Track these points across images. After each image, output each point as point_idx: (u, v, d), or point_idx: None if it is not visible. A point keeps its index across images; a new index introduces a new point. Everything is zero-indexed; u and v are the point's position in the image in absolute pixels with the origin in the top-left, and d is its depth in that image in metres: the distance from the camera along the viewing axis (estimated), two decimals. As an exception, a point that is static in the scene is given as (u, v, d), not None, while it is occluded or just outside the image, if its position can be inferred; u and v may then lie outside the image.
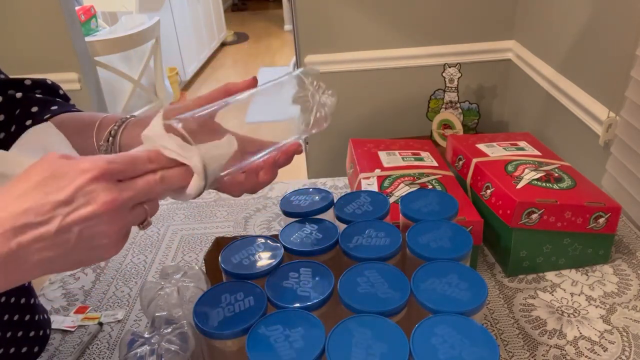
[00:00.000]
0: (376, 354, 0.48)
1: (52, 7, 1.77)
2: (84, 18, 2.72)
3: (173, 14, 3.91)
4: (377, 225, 0.67)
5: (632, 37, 1.07)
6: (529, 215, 0.77)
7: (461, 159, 0.95)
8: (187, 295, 0.66)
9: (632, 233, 0.90)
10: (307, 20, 1.74)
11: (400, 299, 0.54)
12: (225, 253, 0.64)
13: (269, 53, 5.06)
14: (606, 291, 0.78)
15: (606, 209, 0.79)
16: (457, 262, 0.60)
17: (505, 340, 0.71)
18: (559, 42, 1.43)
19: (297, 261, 0.62)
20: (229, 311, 0.55)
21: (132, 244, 0.97)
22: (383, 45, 1.78)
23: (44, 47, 1.84)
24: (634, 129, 1.06)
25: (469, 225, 0.78)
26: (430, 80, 1.77)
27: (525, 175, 0.84)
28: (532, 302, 0.77)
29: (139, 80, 2.71)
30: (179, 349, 0.57)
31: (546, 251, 0.81)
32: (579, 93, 1.31)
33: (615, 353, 0.67)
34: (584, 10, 1.28)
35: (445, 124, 1.69)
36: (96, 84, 2.03)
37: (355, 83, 1.84)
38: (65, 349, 0.74)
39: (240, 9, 6.73)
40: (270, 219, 1.01)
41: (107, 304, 0.82)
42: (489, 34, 1.77)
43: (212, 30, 4.94)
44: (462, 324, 0.51)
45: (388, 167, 0.92)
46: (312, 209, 0.71)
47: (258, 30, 5.80)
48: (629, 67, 1.07)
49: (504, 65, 1.82)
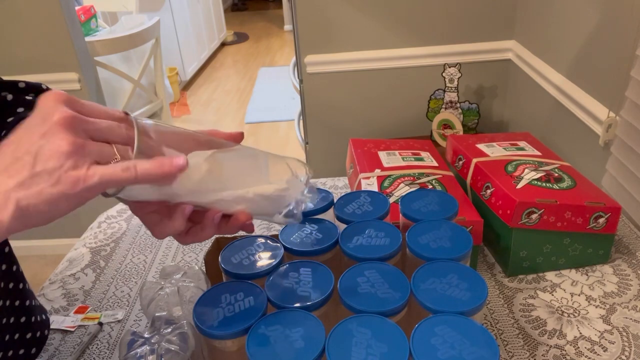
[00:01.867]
0: (376, 354, 0.48)
1: (52, 7, 1.77)
2: (84, 18, 2.72)
3: (173, 14, 3.91)
4: (377, 225, 0.67)
5: (632, 37, 1.07)
6: (529, 215, 0.77)
7: (461, 159, 0.95)
8: (187, 295, 0.66)
9: (632, 233, 0.90)
10: (307, 20, 1.74)
11: (400, 299, 0.54)
12: (225, 253, 0.64)
13: (269, 53, 5.06)
14: (606, 291, 0.78)
15: (606, 209, 0.79)
16: (457, 262, 0.60)
17: (505, 340, 0.71)
18: (559, 42, 1.43)
19: (297, 261, 0.62)
20: (229, 311, 0.55)
21: (132, 244, 0.97)
22: (383, 45, 1.78)
23: (44, 47, 1.84)
24: (634, 129, 1.06)
25: (469, 225, 0.78)
26: (430, 80, 1.77)
27: (525, 175, 0.84)
28: (532, 302, 0.77)
29: (139, 80, 2.71)
30: (179, 349, 0.57)
31: (546, 251, 0.81)
32: (579, 93, 1.31)
33: (615, 353, 0.67)
34: (584, 11, 1.28)
35: (445, 124, 1.69)
36: (96, 84, 2.03)
37: (356, 83, 1.84)
38: (65, 349, 0.74)
39: (240, 9, 6.73)
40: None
41: (107, 304, 0.82)
42: (489, 34, 1.77)
43: (212, 30, 4.94)
44: (462, 324, 0.51)
45: (388, 167, 0.92)
46: (312, 209, 0.71)
47: (258, 30, 5.80)
48: (629, 67, 1.07)
49: (504, 65, 1.82)
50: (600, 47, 1.22)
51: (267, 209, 0.53)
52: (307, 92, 1.86)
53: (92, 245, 0.98)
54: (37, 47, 1.84)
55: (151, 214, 0.50)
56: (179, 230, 0.49)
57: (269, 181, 0.52)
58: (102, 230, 1.02)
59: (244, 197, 0.50)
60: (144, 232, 1.00)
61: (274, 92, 4.08)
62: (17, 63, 1.86)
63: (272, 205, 0.52)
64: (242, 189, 0.50)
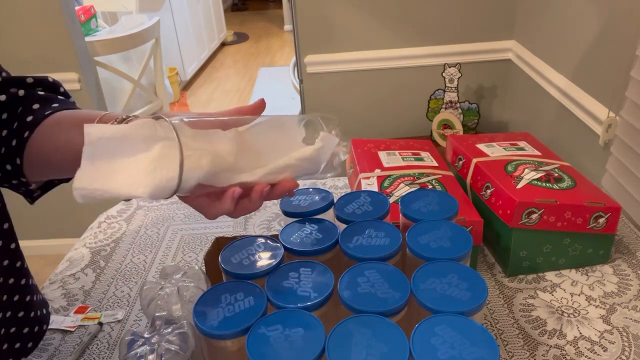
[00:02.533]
0: (376, 354, 0.48)
1: (52, 7, 1.77)
2: (84, 18, 2.72)
3: (173, 14, 3.91)
4: (377, 225, 0.67)
5: (632, 37, 1.07)
6: (529, 215, 0.77)
7: (461, 159, 0.95)
8: (187, 295, 0.66)
9: (632, 233, 0.90)
10: (307, 20, 1.75)
11: (400, 299, 0.54)
12: (225, 253, 0.64)
13: (269, 53, 5.06)
14: (606, 291, 0.78)
15: (606, 209, 0.79)
16: (457, 262, 0.60)
17: (505, 340, 0.71)
18: (559, 42, 1.43)
19: (297, 261, 0.62)
20: (229, 311, 0.55)
21: (132, 244, 0.97)
22: (383, 45, 1.78)
23: (44, 47, 1.84)
24: (634, 129, 1.06)
25: (469, 225, 0.78)
26: (430, 80, 1.77)
27: (525, 175, 0.84)
28: (532, 302, 0.77)
29: (139, 80, 2.71)
30: (179, 349, 0.57)
31: (546, 251, 0.81)
32: (579, 93, 1.31)
33: (615, 353, 0.67)
34: (584, 11, 1.28)
35: (445, 124, 1.69)
36: (96, 84, 2.03)
37: (356, 83, 1.84)
38: (65, 349, 0.74)
39: (240, 9, 6.73)
40: (270, 219, 1.01)
41: (107, 304, 0.82)
42: (489, 34, 1.77)
43: (212, 30, 4.94)
44: (462, 324, 0.51)
45: (388, 167, 0.92)
46: (312, 209, 0.71)
47: (258, 30, 5.80)
48: (629, 67, 1.07)
49: (504, 65, 1.82)
50: (600, 47, 1.22)
51: (309, 170, 0.56)
52: (307, 92, 1.86)
53: (92, 245, 0.98)
54: (37, 47, 1.84)
55: (200, 198, 0.53)
56: (229, 210, 0.52)
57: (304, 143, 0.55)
58: (102, 230, 1.02)
59: (287, 164, 0.53)
60: (144, 232, 1.00)
61: (274, 92, 4.08)
62: (17, 63, 1.86)
63: (312, 164, 0.55)
64: (283, 158, 0.53)
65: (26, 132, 0.60)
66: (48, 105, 0.63)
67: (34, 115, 0.61)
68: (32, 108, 0.62)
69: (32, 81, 0.65)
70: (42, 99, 0.63)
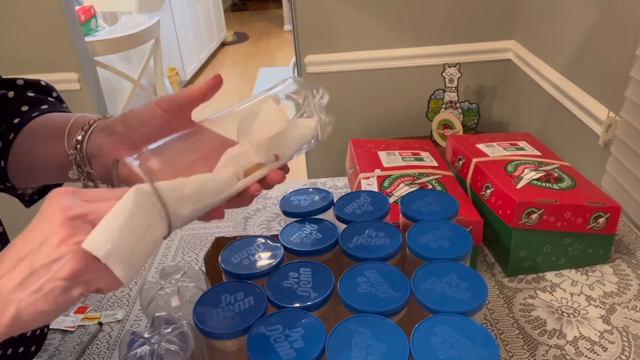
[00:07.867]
0: (376, 354, 0.48)
1: (52, 7, 1.77)
2: (84, 18, 2.72)
3: (173, 14, 3.91)
4: (377, 225, 0.67)
5: (632, 37, 1.07)
6: (528, 215, 0.77)
7: (461, 159, 0.95)
8: (187, 295, 0.66)
9: (632, 233, 0.90)
10: (307, 20, 1.74)
11: (400, 299, 0.54)
12: (225, 253, 0.64)
13: (269, 53, 5.06)
14: (606, 291, 0.78)
15: (606, 209, 0.79)
16: (457, 262, 0.60)
17: (505, 340, 0.71)
18: (559, 42, 1.43)
19: (297, 261, 0.62)
20: (229, 311, 0.55)
21: (132, 244, 0.97)
22: (383, 45, 1.78)
23: (44, 47, 1.84)
24: (634, 129, 1.06)
25: (469, 225, 0.78)
26: (430, 80, 1.77)
27: (525, 175, 0.84)
28: (532, 302, 0.77)
29: (139, 80, 2.71)
30: (179, 349, 0.57)
31: (546, 251, 0.81)
32: (579, 93, 1.31)
33: (615, 353, 0.67)
34: (584, 10, 1.28)
35: (445, 124, 1.69)
36: (96, 84, 2.03)
37: (356, 83, 1.84)
38: (65, 349, 0.74)
39: (240, 9, 6.73)
40: (270, 219, 1.01)
41: (107, 304, 0.82)
42: (489, 34, 1.77)
43: (212, 30, 4.94)
44: (462, 324, 0.51)
45: (388, 167, 0.92)
46: (312, 209, 0.71)
47: (258, 30, 5.80)
48: (629, 67, 1.07)
49: (504, 65, 1.82)
50: (600, 47, 1.22)
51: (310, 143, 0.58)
52: (307, 92, 1.86)
53: (92, 245, 0.97)
54: (37, 47, 1.84)
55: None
56: (246, 205, 0.53)
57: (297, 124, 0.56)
58: (102, 230, 1.02)
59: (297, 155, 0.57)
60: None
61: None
62: (17, 63, 1.86)
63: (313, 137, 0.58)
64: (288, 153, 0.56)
65: (11, 134, 0.59)
66: (37, 107, 0.62)
67: (21, 118, 0.60)
68: (21, 110, 0.61)
69: (22, 83, 0.64)
70: (31, 101, 0.62)
